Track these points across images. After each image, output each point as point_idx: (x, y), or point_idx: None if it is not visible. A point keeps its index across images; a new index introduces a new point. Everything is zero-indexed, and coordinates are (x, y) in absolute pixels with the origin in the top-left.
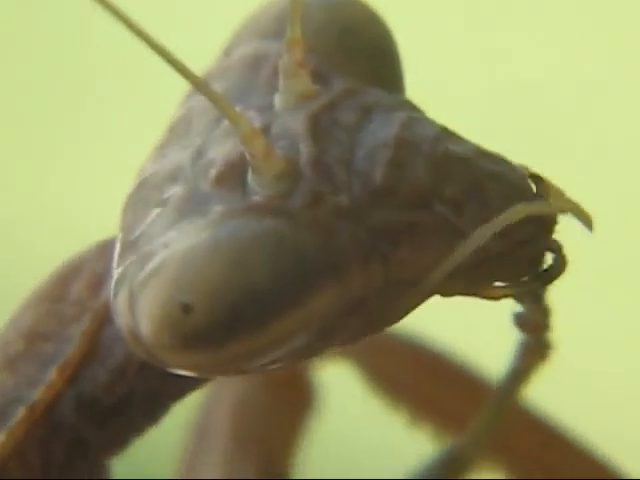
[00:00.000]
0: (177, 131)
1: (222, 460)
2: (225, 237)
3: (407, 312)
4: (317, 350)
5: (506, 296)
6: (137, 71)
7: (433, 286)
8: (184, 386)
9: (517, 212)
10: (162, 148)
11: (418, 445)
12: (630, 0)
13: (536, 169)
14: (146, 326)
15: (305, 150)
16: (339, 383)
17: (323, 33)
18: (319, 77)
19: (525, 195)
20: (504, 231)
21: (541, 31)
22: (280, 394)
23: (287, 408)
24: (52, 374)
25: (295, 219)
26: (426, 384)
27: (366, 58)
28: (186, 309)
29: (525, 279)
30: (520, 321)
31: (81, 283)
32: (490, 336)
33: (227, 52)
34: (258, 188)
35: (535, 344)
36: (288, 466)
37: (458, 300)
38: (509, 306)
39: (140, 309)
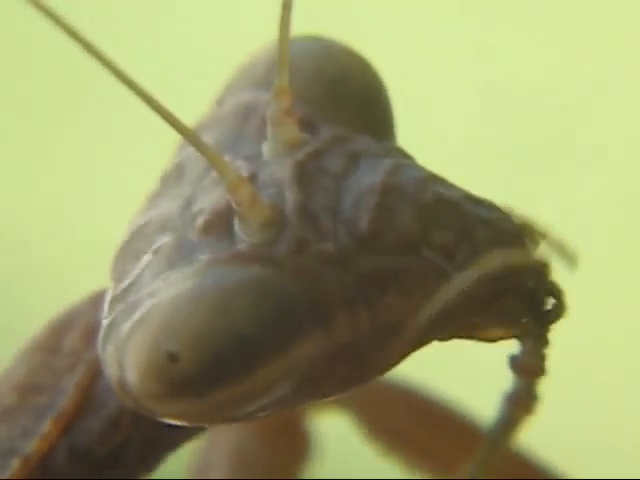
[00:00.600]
0: (169, 181)
1: None
2: (209, 285)
3: (399, 359)
4: (305, 398)
5: (504, 338)
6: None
7: (421, 331)
8: (179, 436)
9: (497, 258)
10: (153, 198)
11: None
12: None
13: (533, 173)
14: (132, 375)
15: (291, 197)
16: (335, 431)
17: (313, 82)
18: (308, 125)
19: (516, 241)
20: (492, 276)
21: (539, 30)
22: (277, 442)
23: (284, 456)
24: (46, 425)
25: (280, 266)
26: (421, 431)
27: (356, 107)
28: (172, 357)
29: (523, 322)
30: (515, 364)
31: (75, 334)
32: (485, 383)
33: (219, 102)
34: (244, 236)
35: (524, 393)
36: None
37: (453, 346)
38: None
39: (127, 358)
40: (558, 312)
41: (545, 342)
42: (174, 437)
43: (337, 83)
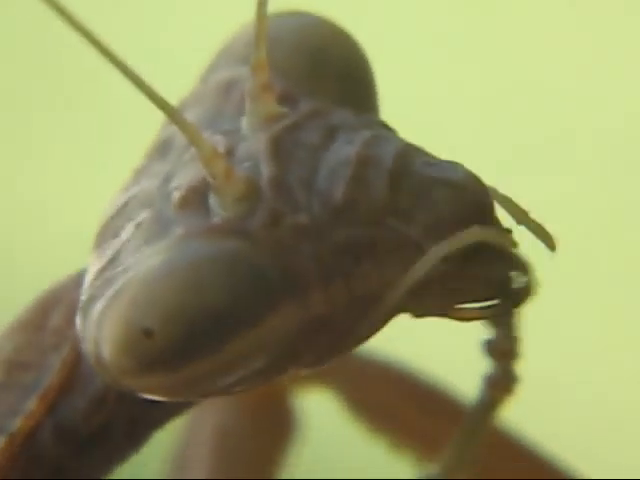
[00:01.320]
0: (153, 157)
1: None
2: (181, 259)
3: (374, 330)
4: (283, 370)
5: (476, 318)
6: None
7: (396, 302)
8: (165, 413)
9: (473, 234)
10: (137, 174)
11: (399, 471)
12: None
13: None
14: (107, 350)
15: (266, 171)
16: (319, 409)
17: (294, 56)
18: (287, 99)
19: (476, 197)
20: (462, 253)
21: (538, 30)
22: (261, 421)
23: (268, 435)
24: (32, 403)
25: (253, 239)
26: (407, 410)
27: (337, 80)
28: (145, 332)
29: (495, 301)
30: (489, 348)
31: (60, 312)
32: (470, 360)
33: (202, 79)
34: (219, 210)
35: (501, 375)
36: None
37: (435, 325)
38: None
39: (101, 334)
40: (528, 290)
41: (515, 324)
42: (160, 414)
43: (318, 56)
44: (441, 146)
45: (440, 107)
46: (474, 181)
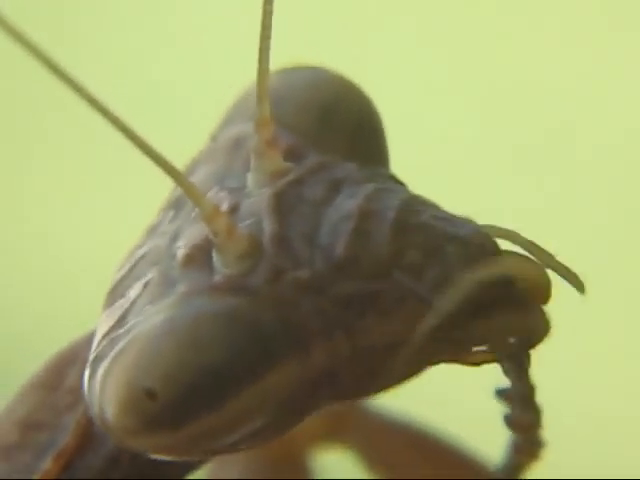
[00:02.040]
0: (164, 215)
1: None
2: (181, 317)
3: (383, 384)
4: (288, 426)
5: (487, 361)
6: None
7: (404, 357)
8: (179, 471)
9: (475, 276)
10: (150, 231)
11: None
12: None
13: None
14: (110, 411)
15: (268, 227)
16: (338, 468)
17: (303, 111)
18: (295, 154)
19: (488, 256)
20: (472, 296)
21: (538, 30)
22: (279, 478)
23: None
24: (47, 463)
25: (254, 296)
26: (423, 468)
27: (346, 135)
28: (147, 392)
29: (508, 342)
30: (510, 421)
31: (75, 372)
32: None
33: (213, 136)
34: (222, 268)
35: (526, 442)
36: None
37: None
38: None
39: (104, 394)
40: (543, 330)
41: (532, 391)
42: (174, 472)
43: (327, 111)
44: (440, 153)
45: (439, 110)
46: (484, 237)
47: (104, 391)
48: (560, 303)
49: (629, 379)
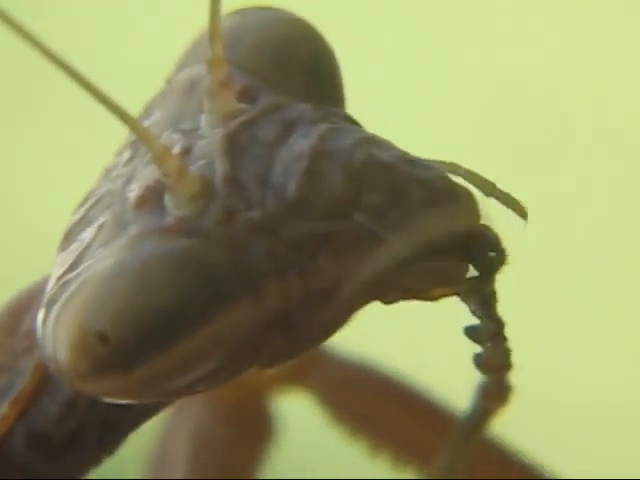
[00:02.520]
0: (120, 158)
1: None
2: (132, 259)
3: (337, 325)
4: (241, 368)
5: (445, 295)
6: None
7: (356, 296)
8: (137, 416)
9: (433, 222)
10: (104, 176)
11: (377, 475)
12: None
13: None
14: (62, 354)
15: (220, 168)
16: (298, 414)
17: (256, 51)
18: (249, 95)
19: (449, 199)
20: (428, 239)
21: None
22: (239, 424)
23: (246, 438)
24: (4, 408)
25: (206, 237)
26: (387, 414)
27: (301, 75)
28: (98, 335)
29: (465, 278)
30: (480, 362)
31: (32, 316)
32: (453, 365)
33: (168, 80)
34: (173, 210)
35: (495, 386)
36: None
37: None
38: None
39: (57, 338)
40: (499, 263)
41: (504, 339)
42: (132, 417)
43: (281, 51)
44: (439, 146)
45: (438, 107)
46: (446, 180)
47: (56, 334)
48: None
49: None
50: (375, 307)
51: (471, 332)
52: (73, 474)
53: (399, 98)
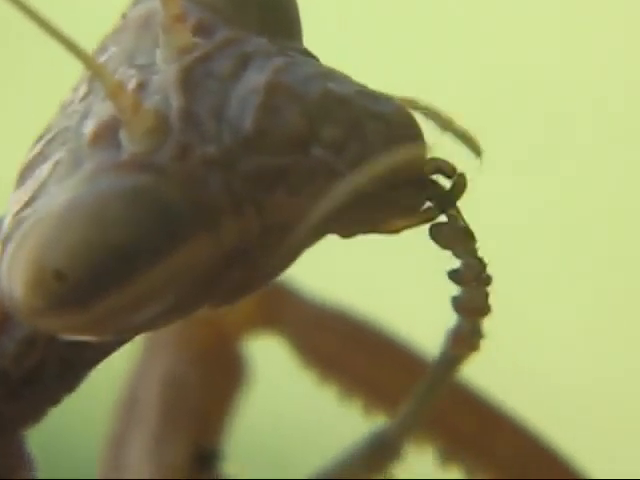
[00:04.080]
0: (76, 94)
1: (151, 435)
2: (86, 195)
3: (293, 258)
4: (197, 305)
5: (406, 227)
6: None
7: (312, 230)
8: (96, 353)
9: (389, 156)
10: (61, 112)
11: (349, 420)
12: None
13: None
14: (17, 291)
15: (175, 103)
16: (269, 357)
17: None
18: (204, 30)
19: (407, 134)
20: (385, 172)
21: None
22: (210, 368)
23: (217, 382)
24: None
25: (161, 173)
26: (357, 359)
27: (257, 9)
28: (53, 272)
29: (424, 209)
30: (458, 304)
31: None
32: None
33: (124, 15)
34: (129, 146)
35: (467, 331)
36: (217, 441)
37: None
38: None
39: (12, 275)
40: (457, 192)
41: (484, 281)
42: (91, 355)
43: None
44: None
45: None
46: (405, 115)
47: (12, 272)
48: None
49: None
50: (349, 252)
51: (453, 274)
52: (33, 412)
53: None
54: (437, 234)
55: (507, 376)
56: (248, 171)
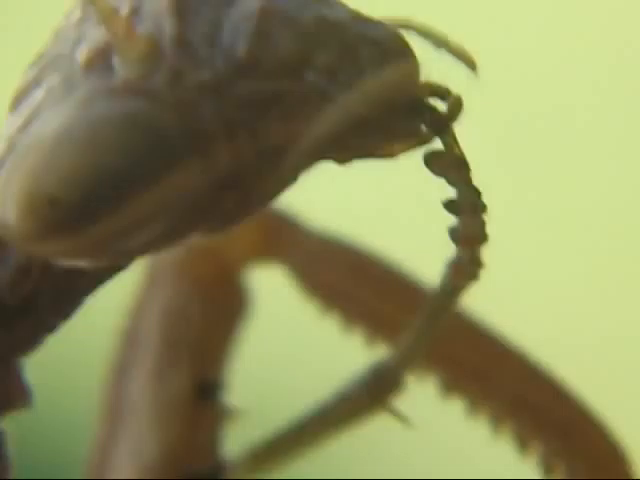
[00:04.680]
0: (70, 19)
1: (153, 366)
2: (80, 120)
3: (287, 183)
4: (191, 231)
5: (402, 152)
6: None
7: (306, 155)
8: (91, 282)
9: (381, 77)
10: (55, 37)
11: (350, 352)
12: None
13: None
14: (11, 217)
15: (168, 28)
16: (271, 288)
17: None
18: None
19: (400, 56)
20: (378, 95)
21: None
22: (211, 299)
23: (218, 313)
24: None
25: (154, 98)
26: (360, 289)
27: None
28: (47, 198)
29: (421, 131)
30: (456, 234)
31: None
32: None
33: None
34: (122, 71)
35: (466, 261)
36: (219, 372)
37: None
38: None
39: (6, 201)
40: (452, 114)
41: (482, 207)
42: (86, 284)
43: None
44: None
45: None
46: (398, 39)
47: (5, 197)
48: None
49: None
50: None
51: (448, 205)
52: (30, 341)
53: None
54: (431, 160)
55: (507, 308)
56: (241, 96)
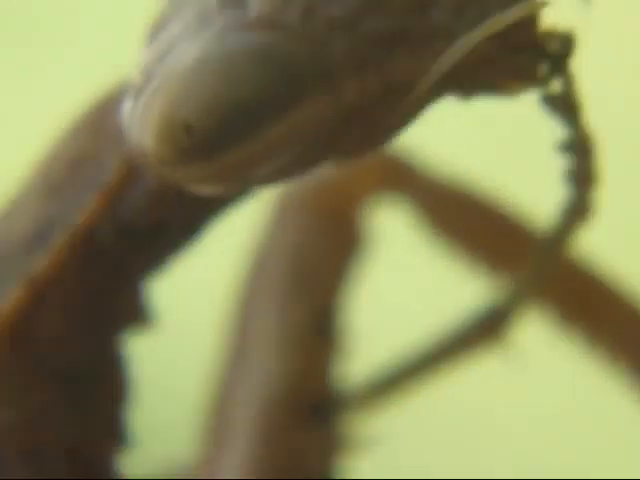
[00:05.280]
0: None
1: (278, 299)
2: (215, 52)
3: (413, 117)
4: (322, 158)
5: (521, 89)
6: None
7: (430, 90)
8: (217, 207)
9: (504, 18)
10: None
11: (467, 289)
12: None
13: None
14: (147, 143)
15: None
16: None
17: None
18: None
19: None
20: (499, 33)
21: None
22: (334, 232)
23: (341, 247)
24: (93, 199)
25: (287, 32)
26: (482, 231)
27: None
28: (182, 125)
29: (538, 70)
30: (568, 176)
31: (116, 115)
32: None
33: None
34: (257, 5)
35: (578, 202)
36: (337, 306)
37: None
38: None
39: (143, 127)
40: (569, 52)
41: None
42: (213, 209)
43: None
44: None
45: None
46: None
47: (143, 124)
48: None
49: None
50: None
51: (562, 146)
52: (156, 262)
53: None
54: (548, 100)
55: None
56: (370, 33)
